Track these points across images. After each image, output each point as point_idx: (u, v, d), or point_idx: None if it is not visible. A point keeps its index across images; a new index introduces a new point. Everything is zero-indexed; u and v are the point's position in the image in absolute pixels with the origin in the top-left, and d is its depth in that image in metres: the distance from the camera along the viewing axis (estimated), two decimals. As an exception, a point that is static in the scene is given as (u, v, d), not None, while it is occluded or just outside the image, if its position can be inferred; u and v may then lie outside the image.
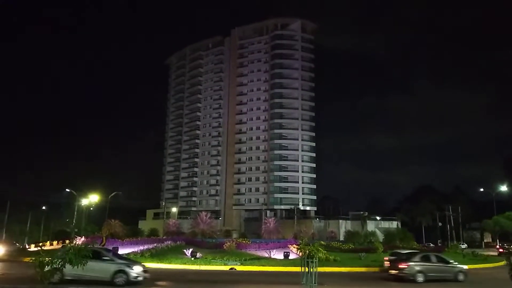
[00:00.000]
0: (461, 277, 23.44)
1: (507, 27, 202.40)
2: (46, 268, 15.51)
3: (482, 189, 70.09)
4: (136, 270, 18.36)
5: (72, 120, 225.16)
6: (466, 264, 35.02)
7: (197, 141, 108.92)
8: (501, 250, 52.66)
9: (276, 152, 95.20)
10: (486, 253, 48.67)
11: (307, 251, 16.08)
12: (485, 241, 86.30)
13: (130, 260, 20.83)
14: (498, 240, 68.74)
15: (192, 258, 33.23)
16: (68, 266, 13.85)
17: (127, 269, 18.10)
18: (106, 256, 18.61)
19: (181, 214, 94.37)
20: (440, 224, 78.35)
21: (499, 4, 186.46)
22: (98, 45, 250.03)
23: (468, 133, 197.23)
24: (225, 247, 38.85)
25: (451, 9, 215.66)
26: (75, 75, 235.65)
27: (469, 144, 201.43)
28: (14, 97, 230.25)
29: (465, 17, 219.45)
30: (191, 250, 35.37)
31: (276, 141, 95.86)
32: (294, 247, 37.15)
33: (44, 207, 74.99)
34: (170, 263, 30.98)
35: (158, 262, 30.80)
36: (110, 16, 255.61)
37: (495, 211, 63.09)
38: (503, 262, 39.08)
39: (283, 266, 29.48)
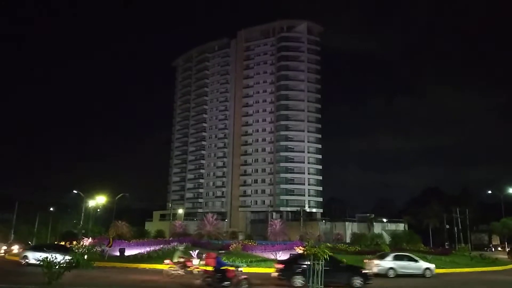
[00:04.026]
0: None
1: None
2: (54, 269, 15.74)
3: (490, 191, 69.50)
4: (432, 267, 27.90)
5: (79, 122, 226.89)
6: (475, 267, 34.91)
7: (203, 142, 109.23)
8: None
9: (282, 153, 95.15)
10: (494, 255, 48.26)
11: (313, 253, 16.06)
12: (493, 243, 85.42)
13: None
14: (506, 243, 68.04)
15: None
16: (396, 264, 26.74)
17: (431, 267, 27.72)
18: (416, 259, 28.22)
19: (187, 215, 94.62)
20: (447, 226, 77.69)
21: (507, 4, 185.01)
22: (103, 45, 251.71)
23: (476, 134, 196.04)
24: (231, 248, 38.80)
25: (458, 10, 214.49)
26: (83, 76, 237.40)
27: (477, 145, 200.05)
28: (22, 98, 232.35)
29: (472, 17, 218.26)
30: (197, 251, 35.35)
31: (282, 143, 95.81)
32: (300, 249, 36.99)
33: (51, 208, 75.51)
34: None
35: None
36: (118, 17, 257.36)
37: (503, 213, 62.46)
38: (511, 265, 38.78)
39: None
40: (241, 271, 18.00)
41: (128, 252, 35.55)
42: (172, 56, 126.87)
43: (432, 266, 28.14)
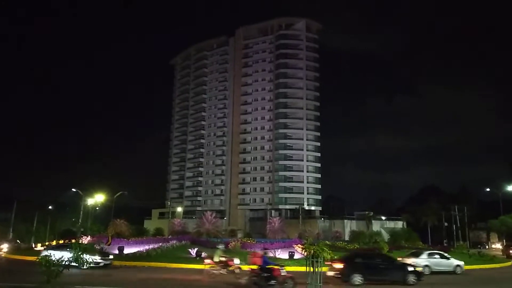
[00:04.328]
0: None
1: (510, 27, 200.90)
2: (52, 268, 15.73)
3: (488, 189, 69.67)
4: (462, 264, 29.00)
5: (77, 121, 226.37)
6: (473, 265, 35.07)
7: (202, 141, 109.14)
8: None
9: (281, 151, 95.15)
10: (492, 253, 48.46)
11: (312, 251, 16.05)
12: (491, 241, 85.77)
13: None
14: (504, 240, 68.25)
15: (197, 258, 33.28)
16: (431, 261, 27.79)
17: (461, 264, 28.84)
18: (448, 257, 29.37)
19: (186, 213, 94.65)
20: (446, 224, 77.90)
21: (507, 4, 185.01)
22: (103, 45, 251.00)
23: (474, 133, 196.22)
24: (230, 246, 38.83)
25: (458, 10, 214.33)
26: (83, 75, 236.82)
27: (477, 145, 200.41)
28: (22, 98, 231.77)
29: (472, 17, 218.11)
30: (196, 249, 35.40)
31: (281, 141, 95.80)
32: (299, 246, 37.09)
33: (50, 207, 75.44)
34: (175, 262, 31.05)
35: (163, 262, 30.89)
36: (118, 17, 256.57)
37: (501, 211, 62.68)
38: (510, 262, 38.91)
39: (288, 266, 29.50)
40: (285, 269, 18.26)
41: (127, 250, 35.58)
42: (171, 55, 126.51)
43: (461, 263, 29.38)
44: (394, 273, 20.99)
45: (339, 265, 20.63)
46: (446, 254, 29.97)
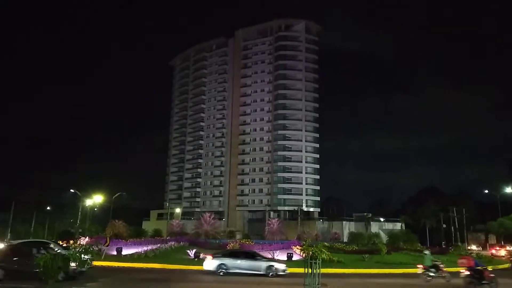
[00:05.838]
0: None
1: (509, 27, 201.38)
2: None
3: (487, 191, 69.77)
4: None
5: (76, 121, 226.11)
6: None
7: (201, 142, 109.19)
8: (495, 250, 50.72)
9: (280, 153, 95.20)
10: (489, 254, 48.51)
11: (311, 252, 16.05)
12: (490, 243, 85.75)
13: None
14: (503, 242, 68.32)
15: (196, 259, 33.25)
16: None
17: None
18: None
19: (185, 214, 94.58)
20: (444, 225, 77.91)
21: (507, 4, 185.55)
22: (103, 45, 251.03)
23: (472, 134, 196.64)
24: (228, 248, 38.81)
25: (458, 10, 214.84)
26: (79, 76, 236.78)
27: (474, 145, 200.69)
28: (19, 98, 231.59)
29: (472, 17, 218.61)
30: (194, 250, 35.41)
31: (280, 142, 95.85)
32: (297, 248, 37.06)
33: (48, 208, 75.31)
34: (173, 263, 30.99)
35: (162, 263, 30.83)
36: (119, 16, 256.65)
37: (499, 213, 62.76)
38: (507, 264, 38.94)
39: (287, 267, 29.46)
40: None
41: (125, 252, 35.52)
42: (170, 56, 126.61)
43: None
44: None
45: None
46: None
